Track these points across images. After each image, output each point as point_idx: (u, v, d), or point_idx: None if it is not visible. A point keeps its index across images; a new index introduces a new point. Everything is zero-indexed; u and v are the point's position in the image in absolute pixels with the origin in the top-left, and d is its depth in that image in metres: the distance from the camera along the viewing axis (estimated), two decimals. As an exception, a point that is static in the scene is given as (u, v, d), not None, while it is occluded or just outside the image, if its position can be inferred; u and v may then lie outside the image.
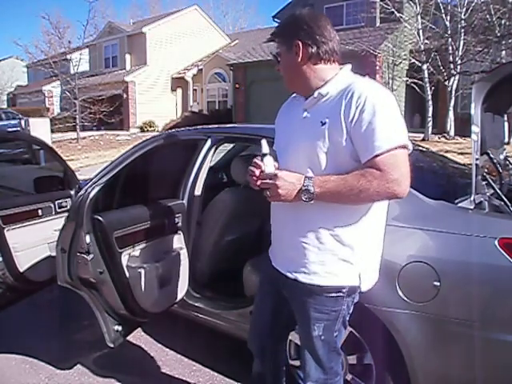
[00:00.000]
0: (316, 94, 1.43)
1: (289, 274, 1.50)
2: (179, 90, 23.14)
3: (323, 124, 1.37)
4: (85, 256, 2.11)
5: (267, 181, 1.37)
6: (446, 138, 13.14)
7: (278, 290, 1.61)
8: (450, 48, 13.17)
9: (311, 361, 1.56)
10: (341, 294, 1.45)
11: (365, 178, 1.28)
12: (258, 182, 1.40)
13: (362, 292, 1.51)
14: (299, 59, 1.44)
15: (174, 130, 3.06)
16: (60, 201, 3.09)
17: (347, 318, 1.55)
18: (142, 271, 2.27)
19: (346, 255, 1.42)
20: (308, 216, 1.42)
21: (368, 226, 1.43)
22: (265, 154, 1.41)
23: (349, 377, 2.03)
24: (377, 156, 1.28)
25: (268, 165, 1.40)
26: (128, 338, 2.43)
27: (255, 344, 1.81)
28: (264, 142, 1.43)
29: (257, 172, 1.40)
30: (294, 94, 1.58)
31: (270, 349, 1.76)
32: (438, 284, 1.68)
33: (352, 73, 1.48)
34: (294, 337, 2.17)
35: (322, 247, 1.42)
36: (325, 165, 1.37)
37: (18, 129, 16.69)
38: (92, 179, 2.26)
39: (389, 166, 1.27)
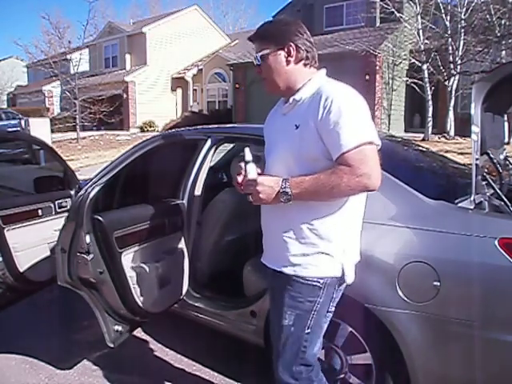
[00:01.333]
0: (291, 101, 1.53)
1: (276, 268, 1.57)
2: (179, 90, 23.14)
3: (297, 127, 1.46)
4: (85, 256, 2.11)
5: (249, 186, 1.48)
6: (446, 138, 13.15)
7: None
8: (450, 48, 13.17)
9: (279, 361, 1.58)
10: (318, 285, 1.49)
11: (336, 174, 1.36)
12: (242, 188, 1.52)
13: (349, 284, 1.54)
14: (290, 61, 1.53)
15: (173, 130, 3.06)
16: (60, 201, 3.09)
17: (324, 318, 1.56)
18: (142, 271, 2.27)
19: (325, 248, 1.48)
20: (288, 214, 1.50)
21: (345, 220, 1.49)
22: (247, 161, 1.51)
23: (349, 377, 2.03)
24: (345, 153, 1.36)
25: (250, 171, 1.49)
26: (128, 338, 2.43)
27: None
28: (247, 150, 1.52)
29: (239, 179, 1.52)
30: (280, 100, 1.67)
31: None
32: (438, 284, 1.68)
33: (326, 77, 1.57)
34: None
35: (302, 241, 1.49)
36: (300, 166, 1.45)
37: (18, 129, 16.69)
38: (92, 179, 2.26)
39: (357, 161, 1.35)
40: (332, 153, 1.40)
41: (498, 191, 2.08)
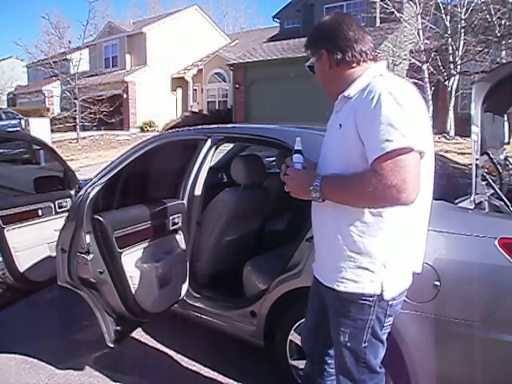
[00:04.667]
0: (340, 98, 1.45)
1: (319, 278, 1.54)
2: (179, 90, 23.14)
3: (340, 126, 1.39)
4: (85, 256, 2.11)
5: (286, 176, 1.46)
6: (446, 138, 13.14)
7: (320, 296, 1.58)
8: (450, 48, 13.18)
9: (340, 372, 1.53)
10: (367, 303, 1.40)
11: (366, 180, 1.25)
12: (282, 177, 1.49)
13: (387, 300, 1.41)
14: (328, 67, 1.48)
15: (173, 130, 3.06)
16: (60, 201, 3.09)
17: (380, 331, 1.46)
18: (142, 271, 2.27)
19: (364, 263, 1.38)
20: (327, 225, 1.45)
21: (386, 233, 1.37)
22: (295, 151, 1.49)
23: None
24: (377, 159, 1.23)
25: (295, 162, 1.47)
26: (128, 338, 2.43)
27: (306, 344, 1.80)
28: (298, 140, 1.50)
29: (284, 168, 1.49)
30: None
31: (318, 351, 1.72)
32: (438, 284, 1.68)
33: (382, 70, 1.42)
34: (293, 336, 2.18)
35: (340, 255, 1.41)
36: (339, 166, 1.38)
37: (18, 129, 16.71)
38: (92, 179, 2.26)
39: (387, 170, 1.21)
40: (367, 156, 1.27)
41: (498, 191, 2.08)
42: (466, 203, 1.87)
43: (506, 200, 2.03)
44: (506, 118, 2.59)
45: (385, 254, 1.38)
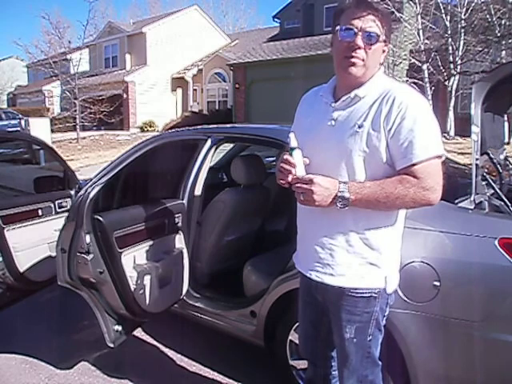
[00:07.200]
0: (353, 95, 1.40)
1: (314, 277, 1.48)
2: (179, 90, 23.14)
3: (360, 127, 1.35)
4: (85, 256, 2.11)
5: (301, 185, 1.32)
6: (446, 138, 13.14)
7: (315, 296, 1.56)
8: (450, 48, 13.18)
9: (345, 368, 1.53)
10: (373, 295, 1.43)
11: (402, 184, 1.29)
12: (290, 184, 1.36)
13: (389, 294, 1.47)
14: (381, 53, 1.43)
15: (173, 130, 3.06)
16: (60, 201, 3.09)
17: (382, 322, 1.50)
18: (142, 271, 2.27)
19: (373, 259, 1.41)
20: (338, 219, 1.39)
21: (394, 230, 1.44)
22: (293, 148, 1.34)
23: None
24: (415, 164, 1.30)
25: (298, 165, 1.33)
26: (128, 338, 2.43)
27: (306, 351, 1.77)
28: (292, 136, 1.35)
29: (291, 174, 1.34)
30: (324, 87, 1.54)
31: (320, 355, 1.71)
32: (438, 284, 1.69)
33: (385, 75, 1.47)
34: (293, 337, 2.18)
35: (350, 250, 1.41)
36: (359, 169, 1.35)
37: (18, 129, 16.71)
38: (92, 179, 2.26)
39: (426, 174, 1.30)
40: (397, 161, 1.33)
41: (498, 191, 2.08)
42: (466, 203, 1.87)
43: (506, 200, 2.04)
44: (506, 118, 2.59)
45: (390, 249, 1.45)
